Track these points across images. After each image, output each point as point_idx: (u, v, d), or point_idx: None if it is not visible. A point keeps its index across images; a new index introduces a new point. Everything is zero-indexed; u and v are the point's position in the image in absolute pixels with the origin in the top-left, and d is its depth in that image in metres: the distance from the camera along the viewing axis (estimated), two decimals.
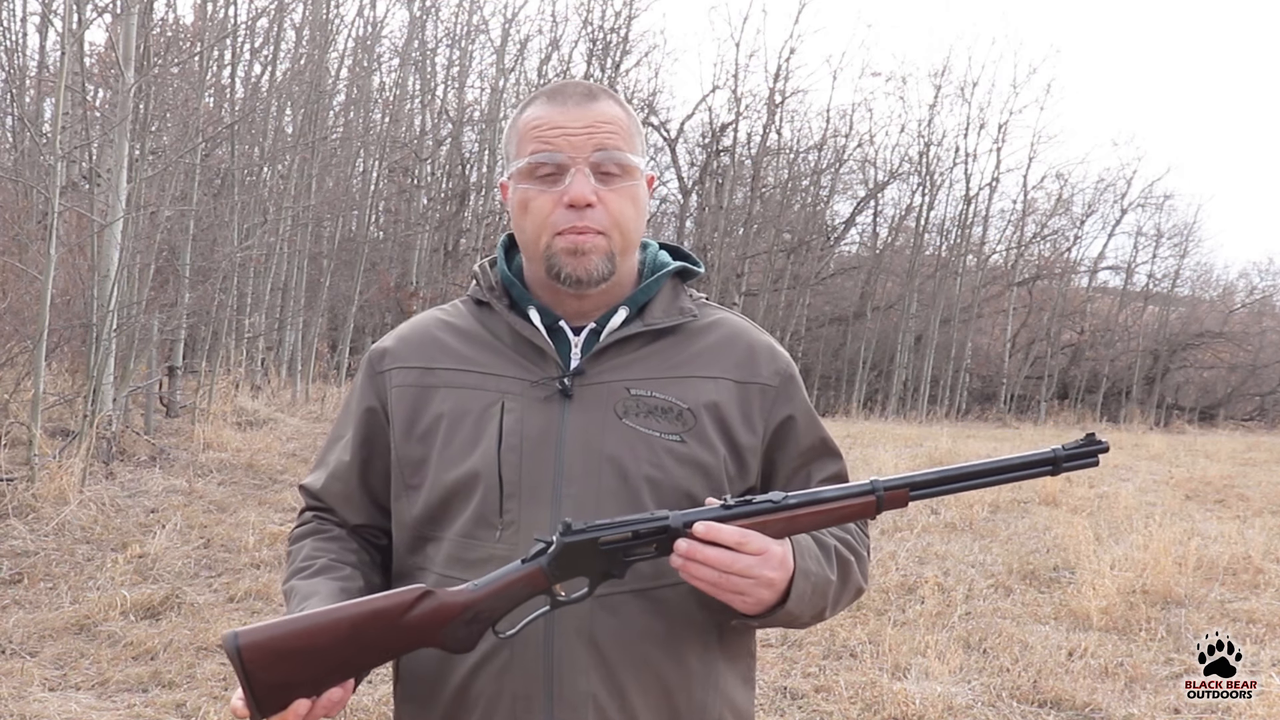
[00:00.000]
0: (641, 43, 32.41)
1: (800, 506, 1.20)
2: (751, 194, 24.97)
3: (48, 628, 4.47)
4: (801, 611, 1.24)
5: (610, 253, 1.29)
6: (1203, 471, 12.06)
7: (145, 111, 9.56)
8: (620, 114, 1.32)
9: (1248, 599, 5.95)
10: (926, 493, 1.23)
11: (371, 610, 1.15)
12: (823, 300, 27.17)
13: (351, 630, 1.14)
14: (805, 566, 1.22)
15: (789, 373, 1.39)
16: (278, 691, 1.12)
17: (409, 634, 1.16)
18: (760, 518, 1.18)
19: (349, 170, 19.53)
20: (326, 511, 1.42)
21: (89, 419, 7.13)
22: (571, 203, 1.26)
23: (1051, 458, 1.23)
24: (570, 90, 1.31)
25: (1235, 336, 28.98)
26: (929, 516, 8.08)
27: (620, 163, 1.29)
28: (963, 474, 1.23)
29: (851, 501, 1.22)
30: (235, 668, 1.11)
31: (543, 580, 1.18)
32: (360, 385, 1.40)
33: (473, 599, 1.17)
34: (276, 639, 1.12)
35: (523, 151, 1.30)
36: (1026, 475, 1.24)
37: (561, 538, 1.17)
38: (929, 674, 4.45)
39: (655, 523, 1.18)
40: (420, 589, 1.17)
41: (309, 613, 1.16)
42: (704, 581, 1.16)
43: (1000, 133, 27.04)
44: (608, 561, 1.18)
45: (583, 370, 1.30)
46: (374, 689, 3.97)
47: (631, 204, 1.31)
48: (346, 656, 1.14)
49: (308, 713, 1.14)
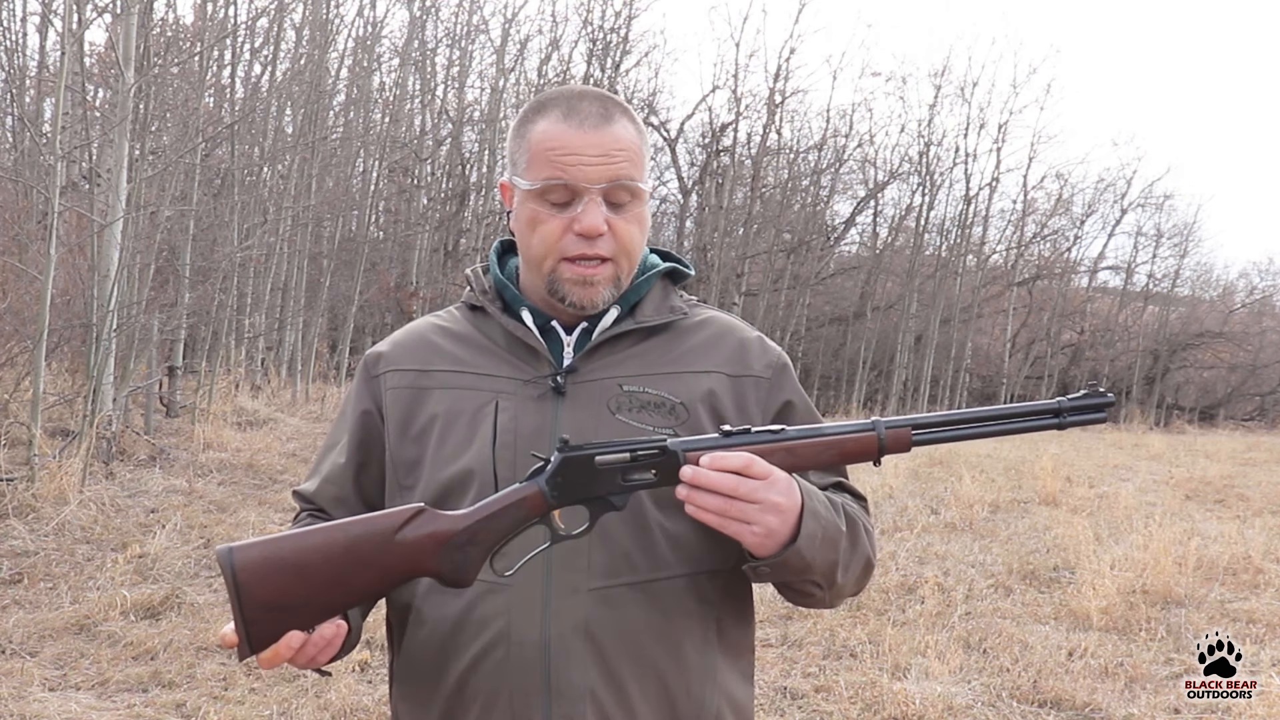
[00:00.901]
0: (641, 43, 32.29)
1: (800, 438, 1.19)
2: (751, 194, 24.95)
3: (48, 628, 4.47)
4: (813, 557, 1.20)
5: (616, 279, 1.31)
6: (1203, 471, 12.06)
7: (145, 111, 9.56)
8: (634, 136, 1.31)
9: (1248, 599, 5.95)
10: (930, 435, 1.22)
11: (367, 524, 1.14)
12: (823, 300, 27.16)
13: (347, 544, 1.12)
14: (814, 507, 1.20)
15: (781, 363, 1.40)
16: (270, 614, 1.09)
17: (405, 552, 1.14)
18: (760, 446, 1.17)
19: (349, 170, 19.53)
20: (319, 512, 1.43)
21: (89, 419, 7.13)
22: (583, 233, 1.27)
23: (1055, 408, 1.22)
24: (586, 110, 1.29)
25: (1235, 336, 28.98)
26: (929, 516, 8.09)
27: (631, 190, 1.30)
28: (967, 418, 1.23)
29: (853, 435, 1.21)
30: (227, 583, 1.09)
31: (541, 502, 1.17)
32: (356, 389, 1.42)
33: (470, 521, 1.16)
34: (270, 552, 1.10)
35: (534, 171, 1.29)
36: (1031, 427, 1.23)
37: (559, 452, 1.17)
38: (929, 674, 4.45)
39: (653, 444, 1.17)
40: (417, 506, 1.16)
41: (305, 529, 1.15)
42: (710, 511, 1.15)
43: (1000, 133, 27.04)
44: (606, 485, 1.17)
45: (575, 368, 1.32)
46: (374, 689, 3.97)
47: (639, 228, 1.32)
48: (341, 571, 1.12)
49: (300, 647, 1.13)
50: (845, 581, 1.29)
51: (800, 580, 1.24)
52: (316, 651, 1.15)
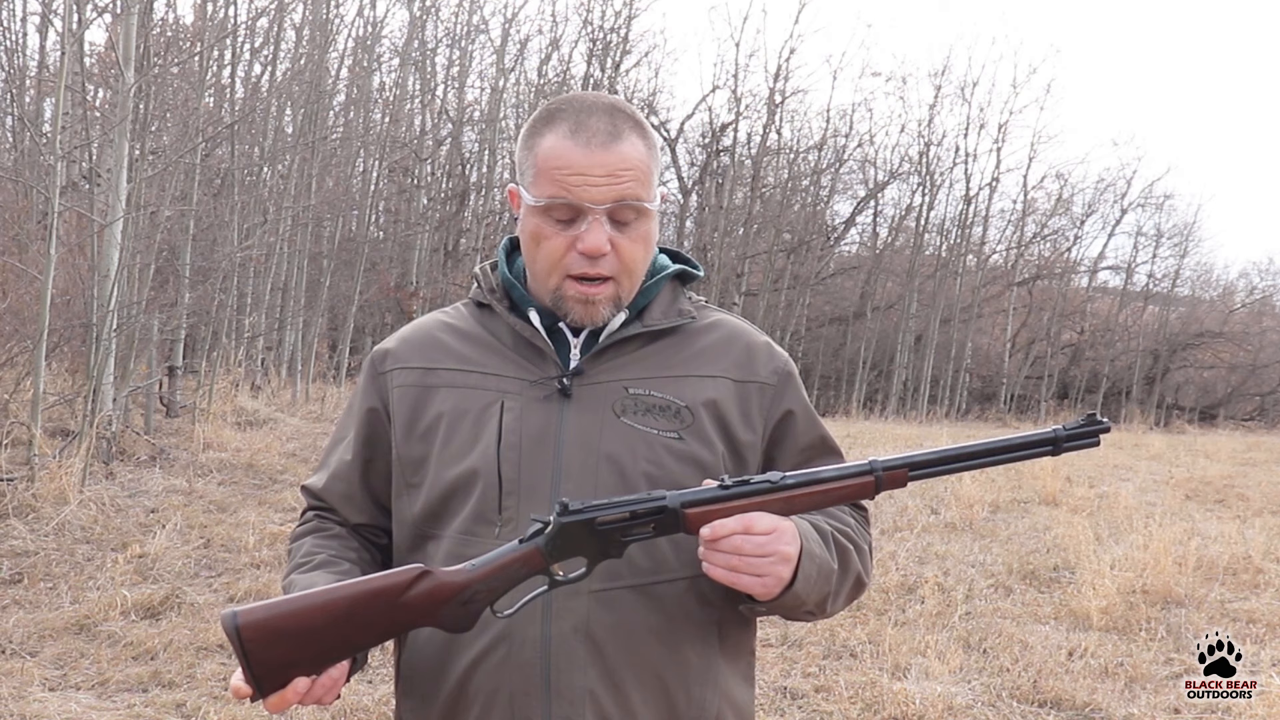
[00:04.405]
0: (641, 43, 32.34)
1: (798, 486, 1.21)
2: (751, 194, 24.96)
3: (48, 628, 4.47)
4: (807, 595, 1.23)
5: (617, 298, 1.31)
6: (1203, 471, 12.06)
7: (145, 111, 9.56)
8: (642, 153, 1.30)
9: (1248, 599, 5.95)
10: (926, 473, 1.23)
11: (369, 589, 1.16)
12: (823, 300, 27.18)
13: (349, 609, 1.14)
14: (809, 548, 1.22)
15: (787, 370, 1.40)
16: (277, 670, 1.13)
17: (407, 613, 1.16)
18: (759, 498, 1.19)
19: (349, 170, 19.54)
20: (328, 511, 1.43)
21: (89, 419, 7.13)
22: (585, 252, 1.27)
23: (1052, 438, 1.23)
24: (594, 127, 1.27)
25: (1235, 336, 28.99)
26: (929, 516, 8.08)
27: (637, 210, 1.29)
28: (962, 454, 1.23)
29: (850, 482, 1.22)
30: (234, 646, 1.12)
31: (540, 560, 1.18)
32: (362, 386, 1.42)
33: (470, 579, 1.18)
34: (275, 617, 1.12)
35: (540, 188, 1.28)
36: (1027, 455, 1.24)
37: (559, 518, 1.18)
38: (929, 674, 4.45)
39: (652, 503, 1.18)
40: (418, 568, 1.17)
41: (308, 592, 1.16)
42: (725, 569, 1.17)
43: (1000, 133, 27.10)
44: (605, 541, 1.18)
45: (581, 370, 1.32)
46: (374, 689, 3.97)
47: (643, 246, 1.32)
48: (345, 635, 1.15)
49: (307, 690, 1.15)
50: (836, 606, 1.32)
51: (792, 613, 1.27)
52: (324, 692, 1.17)
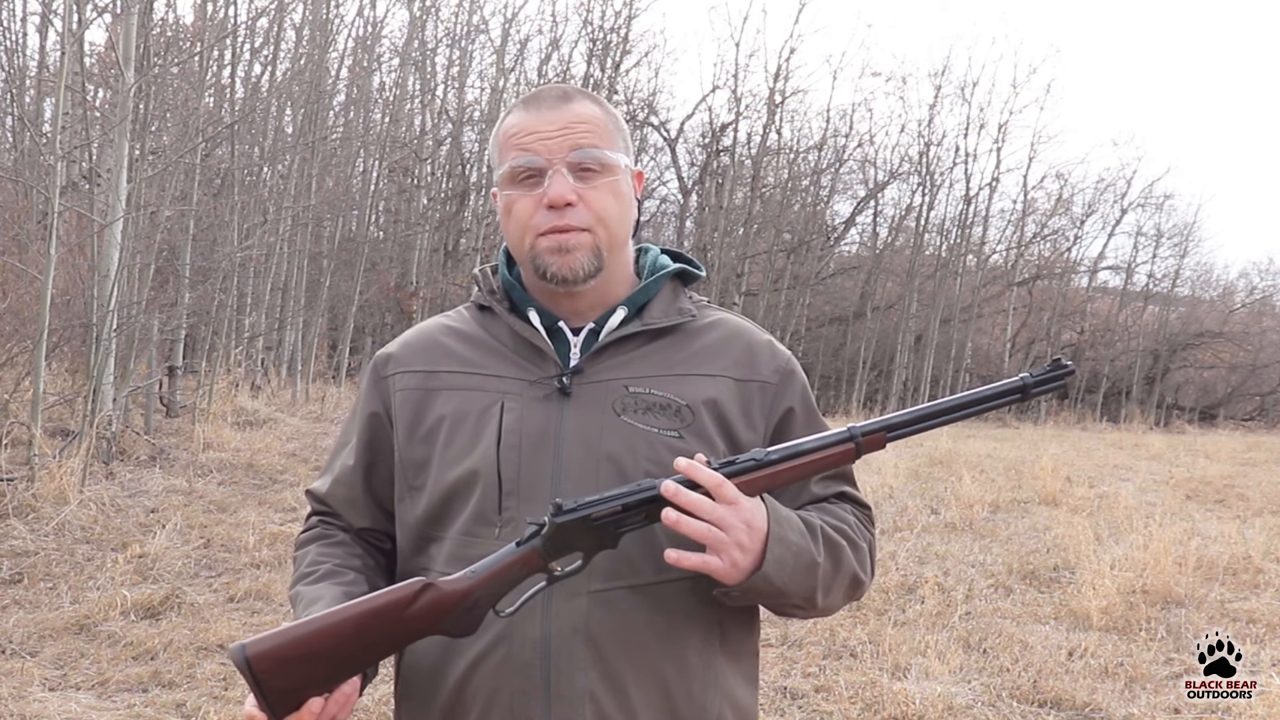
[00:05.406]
0: (641, 43, 32.29)
1: (782, 460, 1.22)
2: (751, 194, 24.94)
3: (48, 628, 4.47)
4: (784, 584, 1.21)
5: (596, 248, 1.31)
6: (1203, 471, 12.06)
7: (145, 111, 9.56)
8: (596, 112, 1.33)
9: (1248, 599, 5.95)
10: (902, 433, 1.27)
11: (374, 609, 1.18)
12: (823, 300, 27.16)
13: (356, 630, 1.16)
14: (782, 534, 1.21)
15: (789, 369, 1.39)
16: (290, 695, 1.15)
17: (412, 626, 1.19)
18: (745, 476, 1.21)
19: (349, 170, 19.54)
20: (332, 516, 1.44)
21: (89, 419, 7.13)
22: (551, 203, 1.28)
23: (1020, 385, 1.27)
24: (545, 95, 1.33)
25: (1235, 336, 28.97)
26: (929, 516, 8.09)
27: (599, 160, 1.30)
28: (936, 411, 1.27)
29: (831, 450, 1.25)
30: (246, 678, 1.14)
31: (538, 561, 1.20)
32: (365, 391, 1.42)
33: (471, 586, 1.20)
34: (283, 646, 1.15)
35: (504, 159, 1.33)
36: (998, 404, 1.27)
37: (553, 519, 1.19)
38: (929, 674, 4.45)
39: (643, 493, 1.20)
40: (420, 582, 1.19)
41: (313, 617, 1.18)
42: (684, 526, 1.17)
43: (1000, 133, 27.02)
44: (600, 536, 1.20)
45: (581, 369, 1.32)
46: (374, 689, 3.97)
47: (614, 199, 1.32)
48: (353, 654, 1.17)
49: (322, 709, 1.17)
50: (830, 601, 1.31)
51: (777, 604, 1.27)
52: (338, 709, 1.19)
